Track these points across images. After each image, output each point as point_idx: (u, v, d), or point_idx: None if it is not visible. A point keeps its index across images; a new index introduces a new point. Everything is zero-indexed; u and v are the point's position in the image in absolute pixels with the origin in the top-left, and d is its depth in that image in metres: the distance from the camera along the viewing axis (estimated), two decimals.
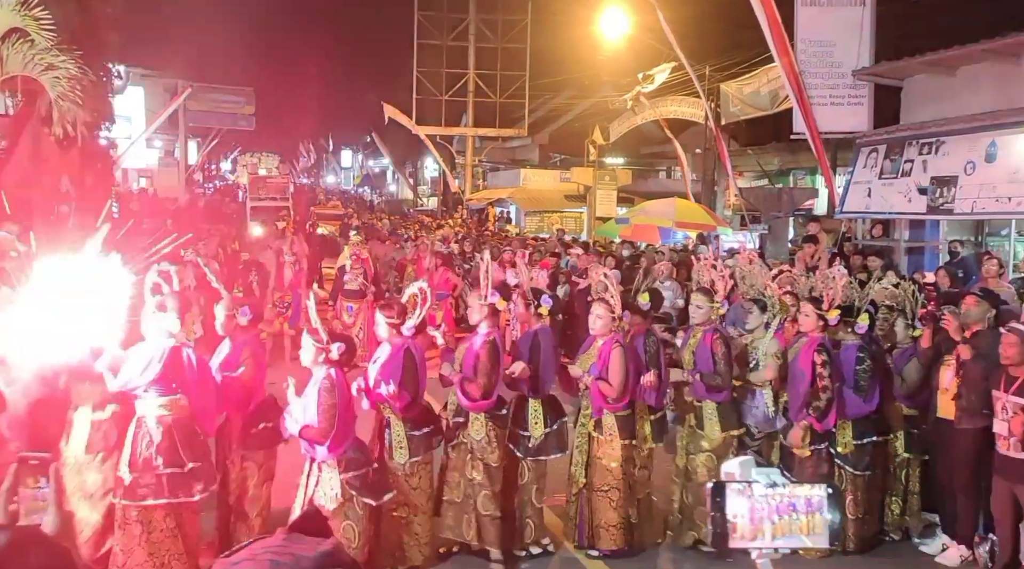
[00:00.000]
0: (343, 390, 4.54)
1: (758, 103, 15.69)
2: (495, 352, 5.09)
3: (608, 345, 5.23)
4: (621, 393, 5.18)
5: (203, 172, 39.82)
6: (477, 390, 5.02)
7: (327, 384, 4.44)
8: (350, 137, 60.03)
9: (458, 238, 18.50)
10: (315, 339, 4.55)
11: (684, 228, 16.21)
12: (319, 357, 4.52)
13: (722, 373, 5.40)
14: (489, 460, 5.13)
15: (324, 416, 4.40)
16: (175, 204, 23.45)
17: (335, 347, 4.55)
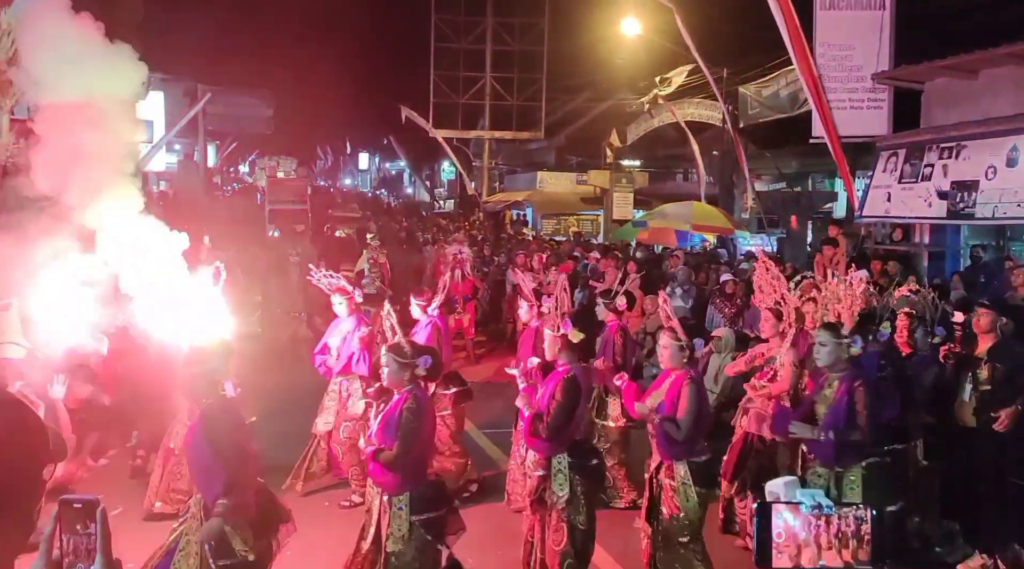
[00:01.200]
0: (429, 413, 4.17)
1: (777, 105, 15.65)
2: (573, 390, 4.55)
3: (679, 381, 4.61)
4: (689, 437, 4.57)
5: (222, 175, 40.15)
6: (544, 430, 4.53)
7: (413, 405, 4.03)
8: (367, 140, 60.28)
9: (478, 240, 18.57)
10: (397, 355, 4.16)
11: (701, 231, 16.20)
12: (404, 374, 4.13)
13: (861, 427, 4.52)
14: (576, 521, 4.53)
15: (405, 441, 3.98)
16: (195, 207, 23.68)
17: (421, 361, 4.16)
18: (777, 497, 1.89)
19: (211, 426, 3.82)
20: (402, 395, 4.12)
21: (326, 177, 61.23)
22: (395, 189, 58.01)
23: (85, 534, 1.50)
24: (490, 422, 8.75)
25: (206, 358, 3.96)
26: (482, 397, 9.93)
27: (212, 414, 3.88)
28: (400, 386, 4.15)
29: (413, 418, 4.02)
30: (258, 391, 6.82)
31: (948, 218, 10.83)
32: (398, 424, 4.01)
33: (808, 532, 1.79)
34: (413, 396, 4.08)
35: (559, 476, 4.56)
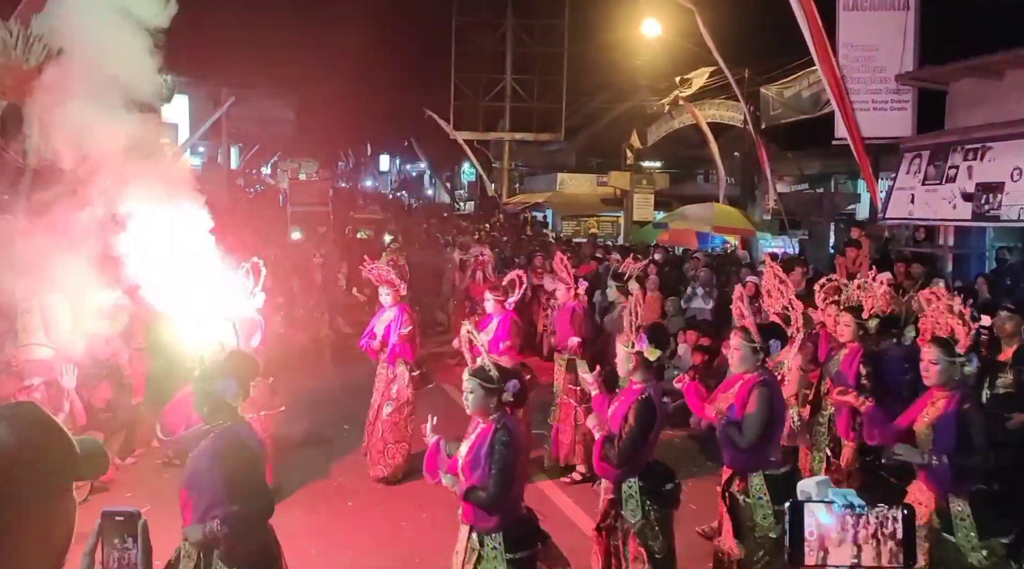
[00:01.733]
0: (521, 444, 3.84)
1: (800, 106, 15.55)
2: (647, 411, 4.23)
3: (750, 385, 4.32)
4: (757, 445, 4.27)
5: (245, 177, 40.52)
6: (615, 456, 4.22)
7: (505, 437, 3.66)
8: (388, 142, 60.55)
9: (500, 241, 18.61)
10: (483, 380, 3.75)
11: (722, 232, 16.15)
12: (490, 401, 3.74)
13: (980, 450, 3.99)
14: (653, 549, 4.20)
15: (502, 479, 3.62)
16: (218, 208, 23.90)
17: (509, 386, 3.76)
18: (809, 496, 1.90)
19: (223, 451, 3.43)
20: (489, 425, 3.73)
21: (347, 179, 61.58)
22: (416, 191, 58.21)
23: (124, 548, 1.48)
24: None
25: (222, 374, 3.57)
26: None
27: (226, 438, 3.48)
28: (486, 414, 3.76)
29: (507, 452, 3.63)
30: (280, 391, 6.94)
31: (973, 220, 10.73)
32: (489, 459, 3.64)
33: (842, 531, 1.80)
34: (504, 427, 3.69)
35: (630, 501, 4.25)
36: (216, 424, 3.52)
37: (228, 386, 3.50)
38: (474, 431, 3.88)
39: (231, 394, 3.51)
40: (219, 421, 3.52)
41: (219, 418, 3.53)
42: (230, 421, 3.54)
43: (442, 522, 6.25)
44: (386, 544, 5.94)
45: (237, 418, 3.59)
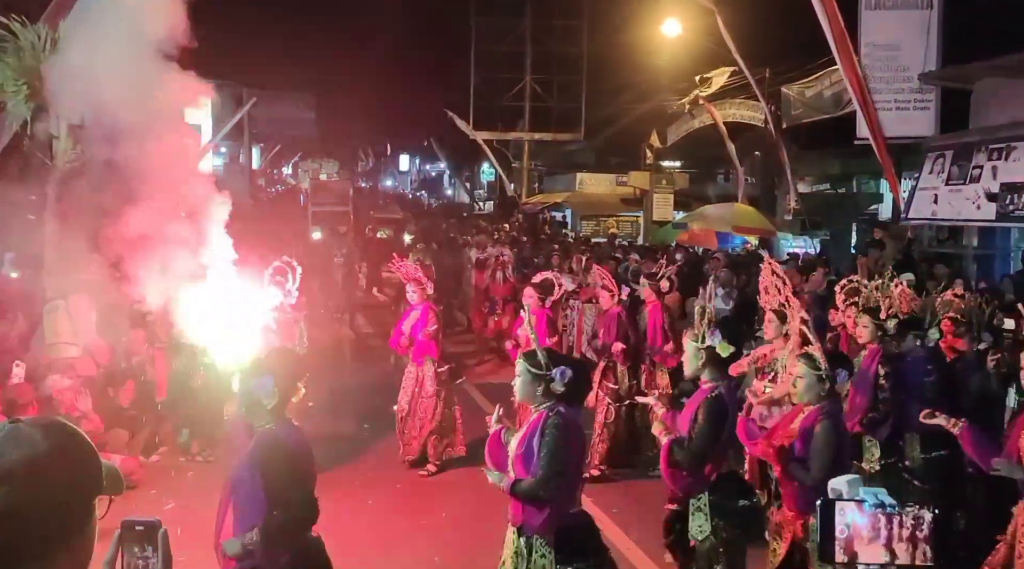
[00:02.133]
0: (577, 433, 3.49)
1: (821, 106, 15.43)
2: (718, 411, 3.98)
3: (813, 418, 3.89)
4: (821, 482, 3.64)
5: (266, 177, 40.83)
6: (686, 459, 3.96)
7: (557, 420, 3.38)
8: (408, 142, 60.80)
9: (519, 241, 18.62)
10: (531, 364, 3.51)
11: (743, 233, 16.08)
12: (536, 387, 3.49)
13: None
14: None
15: (549, 465, 3.34)
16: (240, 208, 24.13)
17: (557, 373, 3.45)
18: (840, 494, 1.91)
19: (263, 456, 3.20)
20: (540, 414, 3.46)
21: (367, 179, 61.88)
22: (435, 191, 58.39)
23: (144, 557, 1.46)
24: None
25: (258, 372, 3.32)
26: None
27: (266, 442, 3.24)
28: (532, 401, 3.53)
29: (559, 435, 3.34)
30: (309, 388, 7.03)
31: (997, 220, 10.61)
32: (539, 446, 3.35)
33: (873, 529, 1.81)
34: (556, 414, 3.40)
35: (698, 516, 3.89)
36: (257, 426, 3.29)
37: (262, 385, 3.24)
38: (525, 422, 3.61)
39: (266, 393, 3.24)
40: (260, 423, 3.29)
41: (259, 420, 3.29)
42: (271, 423, 3.29)
43: (470, 515, 6.30)
44: (411, 537, 5.98)
45: (279, 419, 3.32)
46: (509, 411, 5.55)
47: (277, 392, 3.25)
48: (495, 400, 9.68)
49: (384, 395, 9.86)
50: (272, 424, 3.29)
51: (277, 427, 3.30)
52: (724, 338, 3.97)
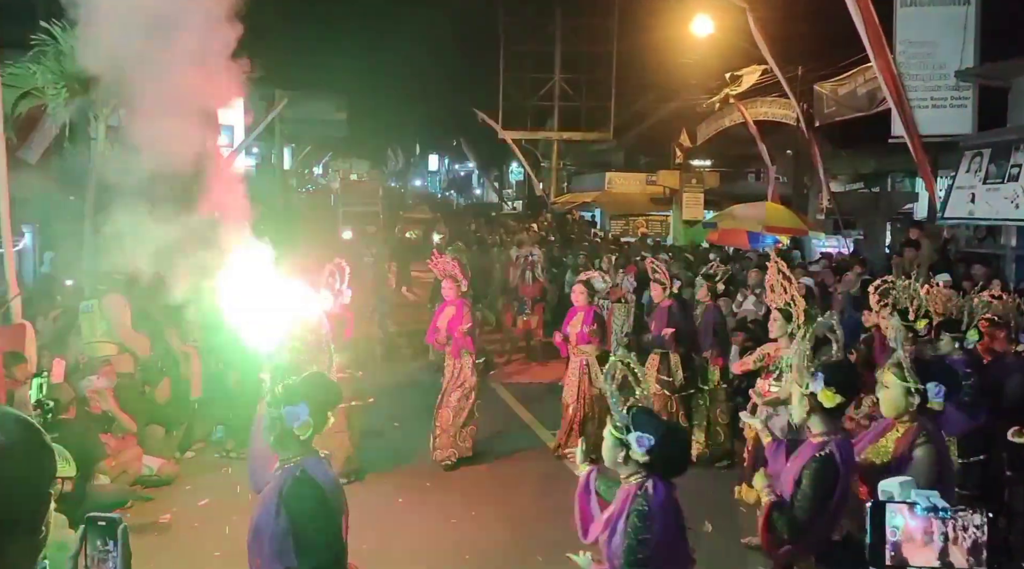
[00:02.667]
0: (668, 519, 2.92)
1: (855, 104, 15.22)
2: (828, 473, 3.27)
3: (909, 439, 3.44)
4: None
5: (297, 177, 41.23)
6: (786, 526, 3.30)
7: (643, 506, 2.88)
8: (437, 142, 61.08)
9: (548, 240, 18.62)
10: (614, 423, 3.01)
11: (774, 232, 15.87)
12: (618, 454, 2.98)
13: None
14: None
15: (630, 556, 2.86)
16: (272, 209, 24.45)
17: (634, 440, 2.90)
18: (891, 496, 1.89)
19: (289, 492, 2.84)
20: (628, 490, 2.96)
21: (396, 179, 62.25)
22: (464, 190, 58.58)
23: (104, 551, 1.53)
24: (557, 422, 8.80)
25: (290, 399, 2.92)
26: (550, 398, 10.03)
27: (294, 476, 2.87)
28: (618, 470, 3.04)
29: (642, 527, 2.86)
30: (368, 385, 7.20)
31: None
32: (623, 534, 2.89)
33: (925, 533, 1.78)
34: (644, 494, 2.90)
35: None
36: (284, 458, 2.94)
37: (295, 414, 2.88)
38: (618, 498, 3.05)
39: (299, 424, 2.87)
40: (288, 454, 2.93)
41: (287, 451, 2.93)
42: (300, 455, 2.93)
43: (500, 513, 6.33)
44: (441, 535, 6.02)
45: (308, 451, 2.95)
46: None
47: (311, 424, 2.90)
48: (523, 400, 9.79)
49: (414, 393, 9.95)
50: (301, 456, 2.92)
51: (307, 461, 2.92)
52: (830, 384, 3.28)
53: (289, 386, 2.94)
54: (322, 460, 2.99)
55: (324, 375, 3.12)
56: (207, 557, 5.41)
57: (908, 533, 1.78)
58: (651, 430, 2.91)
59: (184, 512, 6.18)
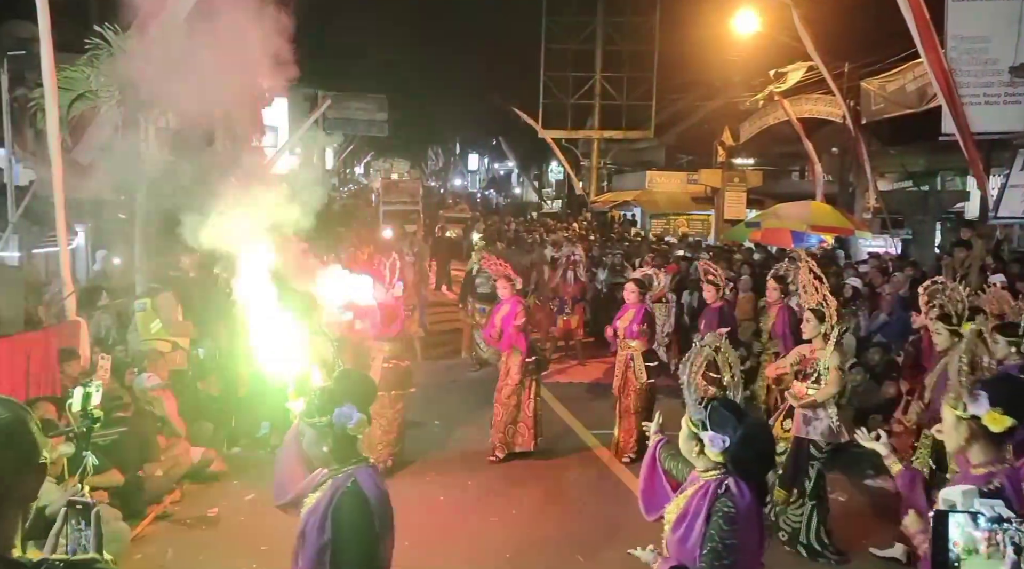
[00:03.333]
0: (752, 525, 2.73)
1: (904, 101, 14.90)
2: None
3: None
4: None
5: (339, 177, 41.69)
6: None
7: (728, 507, 2.68)
8: (477, 141, 61.28)
9: (588, 240, 18.55)
10: (694, 412, 2.84)
11: (819, 231, 15.58)
12: (694, 448, 2.83)
13: None
14: None
15: (714, 561, 2.66)
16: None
17: (707, 439, 2.75)
18: (953, 505, 1.84)
19: (338, 504, 2.69)
20: (706, 484, 2.78)
21: (436, 178, 62.57)
22: (504, 189, 58.64)
23: (78, 530, 1.73)
24: (597, 422, 8.80)
25: (335, 400, 2.76)
26: (589, 398, 10.02)
27: (345, 487, 2.72)
28: (695, 463, 2.86)
29: (727, 532, 2.66)
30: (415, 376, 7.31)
31: None
32: (703, 536, 2.69)
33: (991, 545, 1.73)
34: (725, 491, 2.72)
35: None
36: (333, 469, 2.77)
37: (347, 415, 2.71)
38: (690, 484, 2.91)
39: (354, 422, 2.71)
40: (338, 464, 2.77)
41: (345, 460, 2.76)
42: (352, 463, 2.77)
43: (540, 512, 6.33)
44: (481, 533, 6.04)
45: (360, 459, 2.80)
46: None
47: (365, 421, 2.73)
48: (563, 399, 9.78)
49: (454, 392, 10.00)
50: (353, 465, 2.76)
51: (360, 472, 2.75)
52: (996, 404, 2.77)
53: (326, 391, 2.81)
54: (372, 469, 2.82)
55: (354, 371, 3.00)
56: (254, 550, 5.50)
57: (972, 543, 1.73)
58: (729, 430, 2.71)
59: (231, 506, 6.29)
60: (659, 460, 3.24)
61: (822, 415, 5.59)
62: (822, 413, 5.59)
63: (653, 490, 3.18)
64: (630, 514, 5.92)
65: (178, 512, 6.06)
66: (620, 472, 7.44)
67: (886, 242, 16.10)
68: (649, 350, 7.81)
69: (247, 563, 5.36)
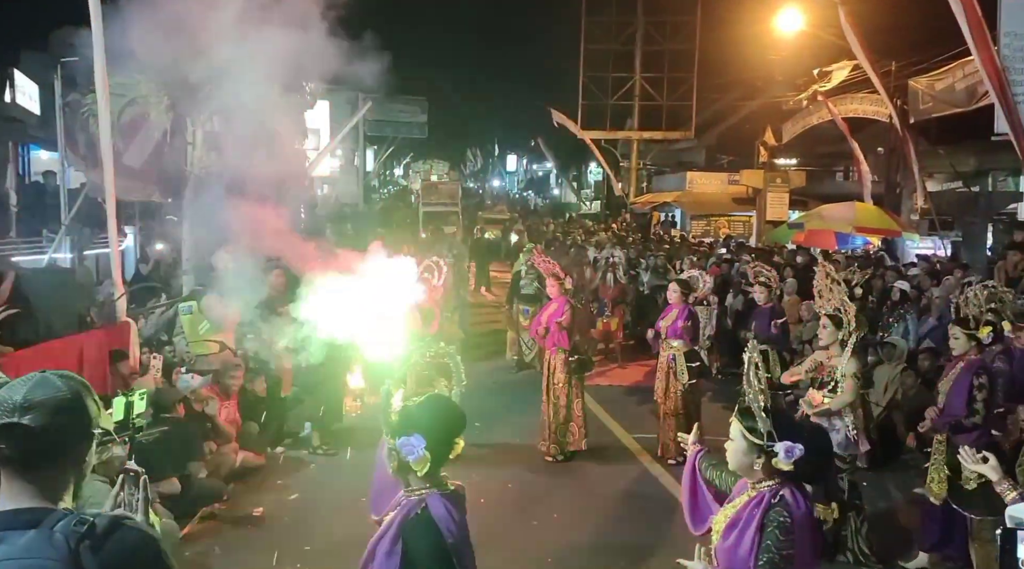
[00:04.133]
0: (809, 534, 2.68)
1: (953, 99, 14.54)
2: None
3: None
4: None
5: (379, 178, 42.05)
6: None
7: (783, 517, 2.61)
8: (515, 142, 61.37)
9: (627, 241, 18.45)
10: (747, 428, 2.72)
11: (865, 233, 15.31)
12: (755, 461, 2.69)
13: None
14: None
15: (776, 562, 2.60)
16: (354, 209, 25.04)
17: (782, 450, 2.63)
18: (1020, 523, 1.79)
19: (409, 531, 2.59)
20: (759, 495, 2.69)
21: (475, 179, 62.77)
22: (542, 191, 58.64)
23: (131, 494, 2.05)
24: (638, 426, 8.73)
25: (404, 428, 2.63)
26: (630, 401, 9.94)
27: (414, 515, 2.61)
28: (747, 475, 2.76)
29: (785, 542, 2.59)
30: None
31: None
32: (755, 551, 2.64)
33: None
34: (780, 501, 2.64)
35: None
36: (408, 490, 2.67)
37: (410, 447, 2.59)
38: (739, 493, 2.81)
39: (415, 459, 2.58)
40: (411, 488, 2.66)
41: (410, 483, 2.67)
42: (426, 488, 2.64)
43: (581, 516, 6.30)
44: (522, 538, 6.03)
45: (436, 483, 2.65)
46: None
47: (428, 458, 2.59)
48: (603, 402, 9.72)
49: (493, 394, 10.00)
50: (426, 490, 2.64)
51: (432, 498, 2.62)
52: None
53: (404, 413, 2.69)
54: (450, 496, 2.66)
55: (444, 399, 2.82)
56: (298, 550, 5.56)
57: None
58: (799, 438, 2.65)
59: (275, 506, 6.36)
60: (699, 471, 3.17)
61: (838, 425, 5.42)
62: (838, 423, 5.42)
63: (696, 504, 3.12)
64: (673, 519, 5.88)
65: (224, 512, 6.15)
66: (661, 475, 7.37)
67: (934, 244, 15.73)
68: (692, 350, 7.76)
69: (291, 563, 5.42)
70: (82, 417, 1.77)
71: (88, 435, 1.80)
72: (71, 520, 1.66)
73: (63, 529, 1.64)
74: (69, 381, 1.79)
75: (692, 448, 3.24)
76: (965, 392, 4.99)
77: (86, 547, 1.64)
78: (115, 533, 1.68)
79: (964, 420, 5.02)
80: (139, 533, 1.74)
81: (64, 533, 1.64)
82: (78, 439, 1.78)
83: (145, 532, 1.77)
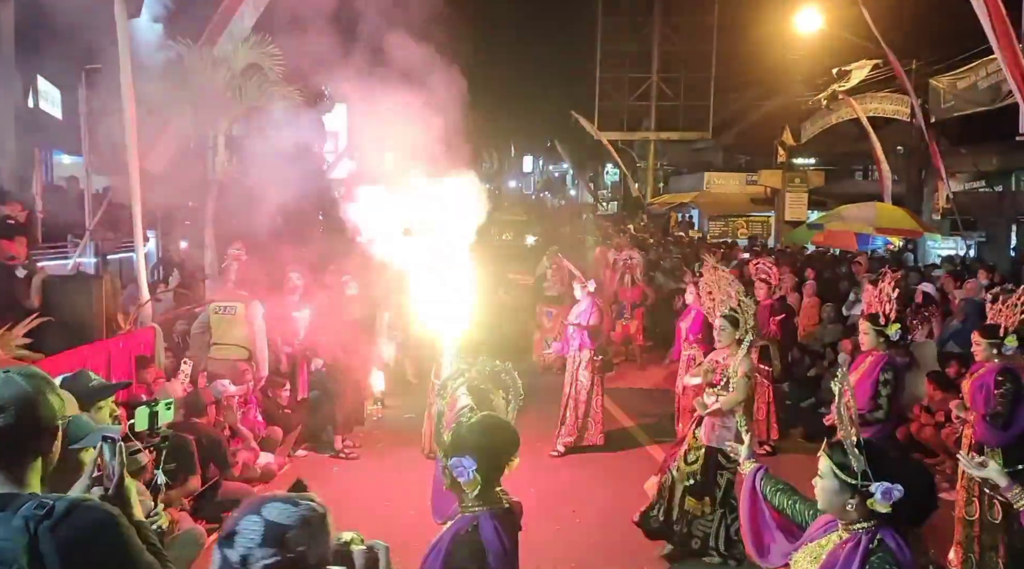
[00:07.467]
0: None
1: (976, 98, 14.42)
2: None
3: None
4: None
5: None
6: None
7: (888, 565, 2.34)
8: (531, 143, 61.31)
9: (645, 242, 18.39)
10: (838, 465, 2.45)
11: (886, 234, 15.19)
12: (848, 501, 2.42)
13: None
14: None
15: None
16: None
17: (880, 491, 2.35)
18: None
19: (457, 548, 2.56)
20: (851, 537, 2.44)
21: (491, 180, 62.71)
22: (558, 192, 58.53)
23: (109, 463, 2.12)
24: (657, 429, 8.70)
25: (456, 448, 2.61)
26: (650, 403, 9.91)
27: (463, 533, 2.59)
28: (840, 516, 2.49)
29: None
30: None
31: None
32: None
33: None
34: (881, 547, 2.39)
35: None
36: (463, 505, 2.65)
37: (461, 468, 2.56)
38: (822, 530, 2.60)
39: (465, 480, 2.55)
40: (464, 505, 2.64)
41: (463, 500, 2.64)
42: (480, 506, 2.61)
43: (604, 520, 6.30)
44: (544, 541, 6.03)
45: (488, 501, 2.63)
46: None
47: (478, 481, 2.57)
48: (622, 405, 9.70)
49: None
50: (479, 509, 2.61)
51: (483, 517, 2.59)
52: None
53: (457, 433, 2.66)
54: (502, 515, 2.64)
55: (496, 420, 2.78)
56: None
57: None
58: (898, 477, 2.36)
59: None
60: (761, 494, 2.96)
61: (730, 424, 5.38)
62: (730, 422, 5.38)
63: (758, 530, 2.92)
64: None
65: None
66: None
67: (956, 244, 15.59)
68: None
69: None
70: (46, 412, 1.91)
71: (52, 428, 1.94)
72: (32, 504, 1.77)
73: (25, 512, 1.76)
74: (32, 379, 1.93)
75: (749, 465, 3.04)
76: (869, 386, 5.05)
77: (44, 528, 1.74)
78: (72, 514, 1.77)
79: (867, 415, 5.04)
80: (97, 512, 1.83)
81: (25, 516, 1.75)
82: (42, 433, 1.92)
83: (104, 511, 1.85)
